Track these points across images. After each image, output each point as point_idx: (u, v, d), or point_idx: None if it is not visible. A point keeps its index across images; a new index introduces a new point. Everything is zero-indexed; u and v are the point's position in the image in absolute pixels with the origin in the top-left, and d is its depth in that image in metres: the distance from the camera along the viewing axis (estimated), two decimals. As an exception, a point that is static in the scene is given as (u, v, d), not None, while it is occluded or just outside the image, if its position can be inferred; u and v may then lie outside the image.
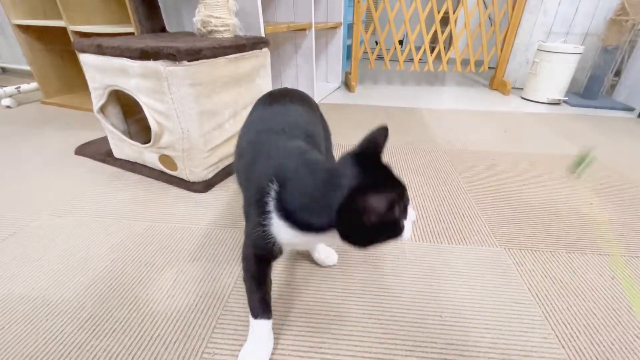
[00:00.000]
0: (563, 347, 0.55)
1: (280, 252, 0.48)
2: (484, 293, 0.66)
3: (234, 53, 0.97)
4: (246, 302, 0.62)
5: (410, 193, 1.01)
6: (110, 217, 0.87)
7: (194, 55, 0.85)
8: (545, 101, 2.05)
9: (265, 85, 1.15)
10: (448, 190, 1.03)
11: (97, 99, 1.02)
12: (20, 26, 1.67)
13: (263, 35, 1.28)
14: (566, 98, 2.04)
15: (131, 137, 1.08)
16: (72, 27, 1.48)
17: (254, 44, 1.05)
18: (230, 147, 1.07)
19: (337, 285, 0.67)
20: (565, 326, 0.59)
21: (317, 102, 1.92)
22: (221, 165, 1.07)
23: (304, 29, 1.73)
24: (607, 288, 0.67)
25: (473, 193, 1.01)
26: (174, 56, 0.82)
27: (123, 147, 1.10)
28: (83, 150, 1.22)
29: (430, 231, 0.84)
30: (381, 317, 0.60)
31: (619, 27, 1.91)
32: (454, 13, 2.12)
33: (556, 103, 2.05)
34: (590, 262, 0.74)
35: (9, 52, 2.49)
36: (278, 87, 2.17)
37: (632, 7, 1.84)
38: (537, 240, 0.81)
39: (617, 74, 2.21)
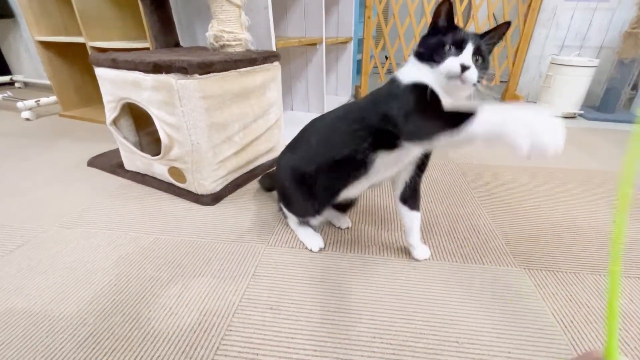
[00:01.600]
0: (593, 381, 0.51)
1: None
2: (504, 317, 0.61)
3: (245, 66, 0.98)
4: (252, 320, 0.60)
5: (422, 208, 0.97)
6: (117, 229, 0.86)
7: (206, 68, 0.86)
8: (560, 115, 2.01)
9: (275, 98, 1.15)
10: (462, 205, 0.99)
11: (110, 111, 1.04)
12: (42, 42, 1.73)
13: (274, 49, 1.29)
14: (582, 111, 1.99)
15: (142, 149, 1.09)
16: (91, 43, 1.53)
17: (265, 57, 1.06)
18: (240, 160, 1.07)
19: (346, 306, 0.64)
20: (595, 356, 0.54)
21: (327, 115, 1.93)
22: (230, 178, 1.06)
23: (315, 44, 1.75)
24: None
25: (488, 209, 0.97)
26: (185, 69, 0.83)
27: (134, 159, 1.11)
28: (95, 161, 1.24)
29: (445, 249, 0.80)
30: (393, 342, 0.57)
31: (635, 40, 1.87)
32: (464, 27, 2.12)
33: (571, 117, 2.00)
34: (619, 285, 0.69)
35: (31, 67, 2.59)
36: (288, 99, 2.19)
37: (648, 20, 1.81)
38: (558, 261, 0.76)
39: (635, 87, 2.15)
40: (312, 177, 0.71)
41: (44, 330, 0.58)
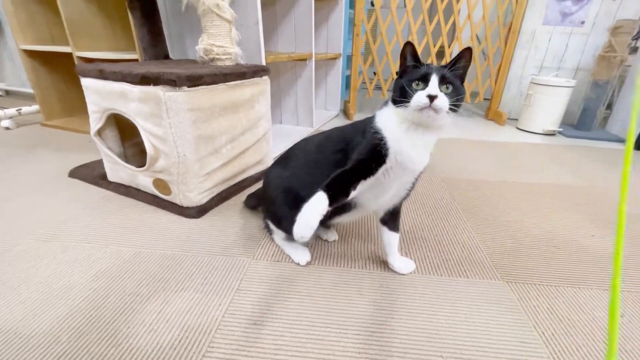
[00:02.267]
0: (575, 394, 0.51)
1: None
2: (487, 331, 0.62)
3: (235, 80, 0.99)
4: (235, 336, 0.58)
5: (408, 222, 0.99)
6: (97, 242, 0.84)
7: (194, 81, 0.86)
8: (540, 132, 2.09)
9: (264, 111, 1.16)
10: (447, 219, 1.01)
11: (95, 122, 1.02)
12: (27, 51, 1.71)
13: (264, 64, 1.31)
14: (561, 129, 2.08)
15: (127, 161, 1.07)
16: (78, 53, 1.52)
17: (255, 71, 1.07)
18: (227, 172, 1.06)
19: (332, 320, 0.63)
20: (576, 370, 0.55)
21: (315, 128, 1.95)
22: (216, 191, 1.05)
23: (305, 59, 1.79)
24: (618, 327, 0.63)
25: (472, 223, 0.99)
26: (174, 82, 0.83)
27: (117, 170, 1.09)
28: (77, 172, 1.21)
29: (430, 262, 0.81)
30: (378, 357, 0.56)
31: (608, 62, 1.98)
32: (449, 47, 2.20)
33: (551, 134, 2.08)
34: (597, 298, 0.71)
35: (14, 75, 2.54)
36: (277, 113, 2.20)
37: (618, 44, 1.92)
38: (540, 274, 0.78)
39: (609, 106, 2.26)
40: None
41: (14, 348, 0.55)
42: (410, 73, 0.58)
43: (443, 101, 0.55)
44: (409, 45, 0.59)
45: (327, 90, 2.36)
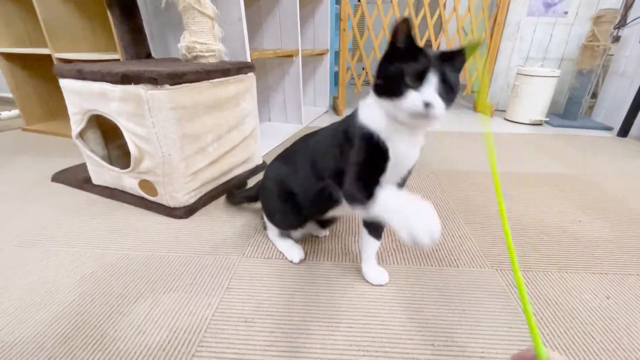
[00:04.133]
0: (564, 376, 0.52)
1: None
2: (478, 318, 0.62)
3: (218, 77, 0.97)
4: (225, 335, 0.58)
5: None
6: (82, 246, 0.82)
7: (177, 79, 0.85)
8: (528, 122, 2.11)
9: (250, 108, 1.15)
10: (437, 210, 1.00)
11: (76, 124, 1.00)
12: (3, 54, 1.66)
13: (249, 60, 1.29)
14: (547, 119, 2.10)
15: (111, 163, 1.05)
16: (57, 55, 1.48)
17: (239, 68, 1.06)
18: (214, 171, 1.05)
19: (322, 315, 0.63)
20: (565, 352, 0.56)
21: (304, 125, 1.94)
22: (204, 190, 1.03)
23: (291, 56, 1.77)
24: (604, 308, 0.65)
25: (462, 213, 0.99)
26: (155, 80, 0.81)
27: (102, 172, 1.06)
28: (60, 177, 1.18)
29: (420, 253, 0.81)
30: (369, 349, 0.56)
31: (592, 52, 2.00)
32: (435, 40, 2.21)
33: (538, 124, 2.11)
34: (584, 282, 0.72)
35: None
36: (265, 110, 2.17)
37: (601, 33, 1.95)
38: (528, 261, 0.79)
39: (594, 95, 2.30)
40: (299, 198, 0.70)
41: (-5, 358, 0.54)
42: (405, 60, 0.46)
43: (439, 108, 0.45)
44: (405, 22, 0.46)
45: (316, 87, 2.34)
